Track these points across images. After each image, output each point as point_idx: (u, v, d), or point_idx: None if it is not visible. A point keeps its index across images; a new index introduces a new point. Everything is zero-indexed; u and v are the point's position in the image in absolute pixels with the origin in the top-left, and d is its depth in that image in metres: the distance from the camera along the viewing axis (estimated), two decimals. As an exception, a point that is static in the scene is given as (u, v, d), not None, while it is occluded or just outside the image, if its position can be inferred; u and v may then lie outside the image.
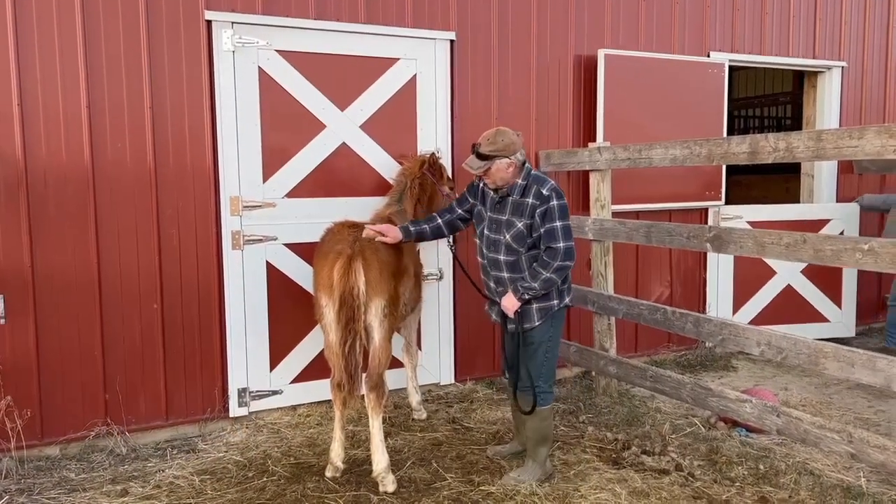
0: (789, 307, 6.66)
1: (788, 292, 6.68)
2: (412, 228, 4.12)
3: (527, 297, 3.75)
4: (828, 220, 6.70)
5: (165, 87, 4.45)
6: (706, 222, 6.35)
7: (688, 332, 4.47)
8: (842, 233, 6.58)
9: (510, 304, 3.80)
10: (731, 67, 6.36)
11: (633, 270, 6.17)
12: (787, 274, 6.65)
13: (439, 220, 4.16)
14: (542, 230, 3.69)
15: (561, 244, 3.67)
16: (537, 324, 3.84)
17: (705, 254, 6.43)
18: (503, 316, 3.93)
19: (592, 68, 5.78)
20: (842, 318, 6.81)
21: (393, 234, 4.04)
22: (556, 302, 3.85)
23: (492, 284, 3.98)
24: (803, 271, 6.66)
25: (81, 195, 4.29)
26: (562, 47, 5.73)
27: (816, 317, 6.74)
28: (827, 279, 6.71)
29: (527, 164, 3.84)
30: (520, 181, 3.79)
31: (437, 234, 4.21)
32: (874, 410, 5.13)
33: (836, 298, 6.80)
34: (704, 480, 3.92)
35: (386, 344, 3.99)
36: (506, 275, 3.85)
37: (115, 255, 4.39)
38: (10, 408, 4.06)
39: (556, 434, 4.51)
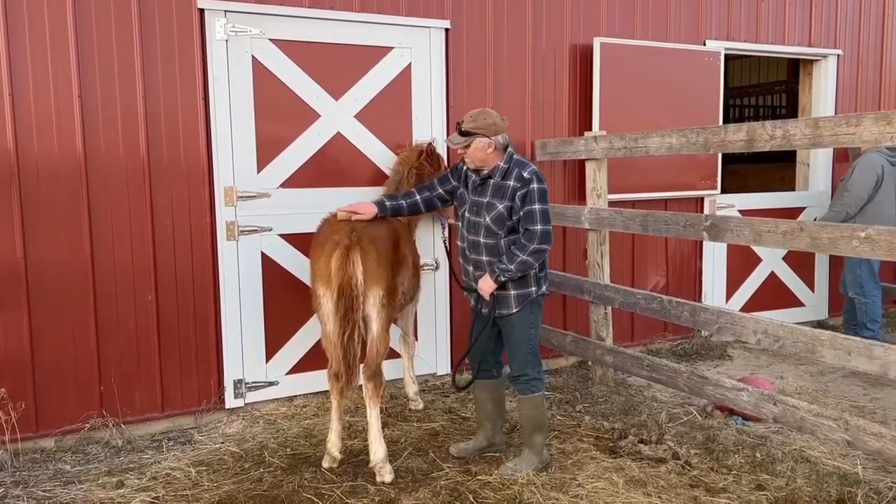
0: (773, 293, 6.84)
1: (772, 278, 6.85)
2: (388, 203, 4.11)
3: (502, 279, 3.74)
4: (804, 208, 6.91)
5: (158, 76, 4.41)
6: (702, 211, 6.35)
7: (684, 321, 4.46)
8: (815, 219, 6.68)
9: (486, 286, 3.80)
10: (726, 56, 6.34)
11: (629, 260, 6.16)
12: (771, 261, 6.80)
13: (417, 197, 4.14)
14: (521, 212, 3.71)
15: (538, 227, 3.68)
16: (515, 311, 3.84)
17: (701, 243, 6.44)
18: (479, 301, 3.93)
19: (588, 57, 5.74)
20: (815, 301, 7.07)
21: (368, 210, 4.05)
22: (533, 289, 3.86)
23: (470, 268, 3.98)
24: (785, 258, 6.84)
25: (74, 186, 4.25)
26: (557, 36, 5.69)
27: (795, 301, 6.98)
28: (802, 264, 6.94)
29: (510, 149, 3.84)
30: (501, 164, 3.80)
31: (413, 211, 4.21)
32: (869, 398, 5.15)
33: (809, 282, 7.05)
34: (701, 468, 3.93)
35: (384, 334, 3.98)
36: (484, 258, 3.85)
37: (109, 246, 4.36)
38: (4, 400, 4.03)
39: (552, 423, 4.51)
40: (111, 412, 4.41)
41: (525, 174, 3.73)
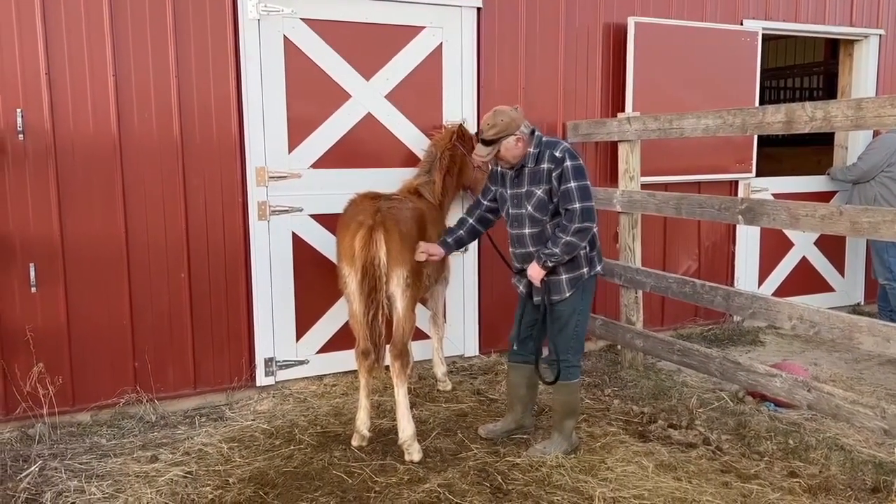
0: (804, 278, 6.75)
1: (803, 263, 6.76)
2: (450, 240, 4.10)
3: (549, 263, 3.69)
4: (835, 192, 6.76)
5: (191, 56, 4.43)
6: (735, 195, 6.24)
7: (717, 305, 4.41)
8: (847, 202, 6.52)
9: (535, 272, 3.75)
10: (763, 36, 6.19)
11: (661, 243, 6.09)
12: (803, 245, 6.71)
13: (471, 221, 4.11)
14: (558, 193, 3.65)
15: (577, 204, 3.60)
16: (567, 295, 3.79)
17: (734, 227, 6.34)
18: (531, 287, 3.89)
19: (622, 36, 5.65)
20: (845, 286, 7.00)
21: (437, 251, 4.03)
22: (585, 270, 3.80)
23: (517, 264, 3.95)
24: (816, 242, 6.74)
25: (108, 165, 4.30)
26: (591, 15, 5.60)
27: (825, 287, 6.89)
28: (832, 249, 6.85)
29: (536, 133, 3.78)
30: (532, 150, 3.74)
31: (474, 235, 4.18)
32: (906, 386, 5.06)
33: (840, 267, 6.95)
34: (732, 454, 3.89)
35: (409, 313, 3.99)
36: (532, 249, 3.80)
37: (143, 224, 4.41)
38: (42, 374, 4.13)
39: (581, 407, 4.49)
40: (145, 388, 4.49)
41: (557, 153, 3.67)
